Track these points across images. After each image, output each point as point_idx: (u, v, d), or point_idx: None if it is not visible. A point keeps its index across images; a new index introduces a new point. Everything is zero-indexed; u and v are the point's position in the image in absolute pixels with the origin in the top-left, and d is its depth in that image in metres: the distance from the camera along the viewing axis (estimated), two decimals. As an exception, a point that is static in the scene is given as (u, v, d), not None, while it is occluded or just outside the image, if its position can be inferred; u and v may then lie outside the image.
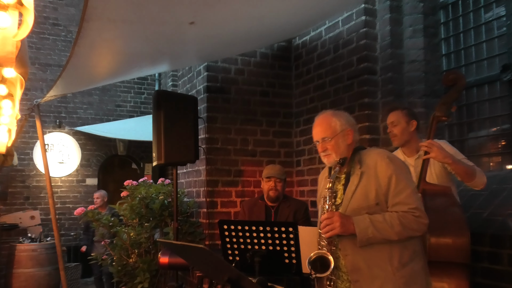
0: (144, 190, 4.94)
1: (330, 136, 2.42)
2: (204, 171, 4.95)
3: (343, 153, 2.41)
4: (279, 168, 3.97)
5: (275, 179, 3.88)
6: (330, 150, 2.43)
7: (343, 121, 2.44)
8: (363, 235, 2.22)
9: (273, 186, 3.87)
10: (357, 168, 2.37)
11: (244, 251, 2.70)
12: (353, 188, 2.33)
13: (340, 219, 2.23)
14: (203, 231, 4.91)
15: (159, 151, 4.20)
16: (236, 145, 5.11)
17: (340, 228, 2.23)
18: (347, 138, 2.42)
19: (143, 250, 4.86)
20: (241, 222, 2.78)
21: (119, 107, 9.37)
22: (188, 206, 5.09)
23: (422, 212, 2.24)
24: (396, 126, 3.22)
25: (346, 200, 2.34)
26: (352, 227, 2.23)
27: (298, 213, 3.88)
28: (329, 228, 2.25)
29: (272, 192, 3.87)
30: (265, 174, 3.95)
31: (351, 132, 2.43)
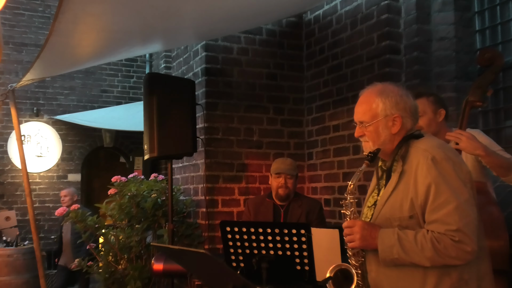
0: (134, 187, 4.95)
1: (368, 121, 2.23)
2: (202, 165, 4.96)
3: (384, 144, 2.23)
4: (291, 162, 3.97)
5: (286, 175, 3.88)
6: (367, 137, 2.25)
7: (390, 104, 2.22)
8: (386, 255, 2.08)
9: (283, 183, 3.87)
10: (399, 165, 2.19)
11: (250, 256, 2.70)
12: (390, 191, 2.17)
13: (361, 231, 2.12)
14: (202, 234, 4.92)
15: (151, 143, 4.20)
16: (239, 135, 5.11)
17: (361, 242, 2.12)
18: (392, 125, 2.22)
19: (134, 255, 4.87)
20: (246, 223, 2.78)
21: (105, 92, 9.38)
22: (185, 205, 5.11)
23: (466, 236, 1.98)
24: (421, 117, 3.18)
25: (380, 205, 2.19)
26: (375, 242, 2.10)
27: (312, 213, 3.88)
28: (349, 239, 2.16)
29: (282, 190, 3.87)
30: (274, 170, 3.95)
31: (399, 119, 2.21)
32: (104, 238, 4.93)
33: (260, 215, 3.94)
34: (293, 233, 2.63)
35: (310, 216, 3.87)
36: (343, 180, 4.80)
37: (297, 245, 2.63)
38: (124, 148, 9.51)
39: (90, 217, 4.95)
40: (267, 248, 2.68)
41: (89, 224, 4.88)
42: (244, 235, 2.73)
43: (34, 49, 8.71)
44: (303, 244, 2.61)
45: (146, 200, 4.94)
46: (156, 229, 4.93)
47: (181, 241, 4.91)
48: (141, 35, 4.02)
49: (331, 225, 4.81)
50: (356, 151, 4.65)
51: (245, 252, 2.73)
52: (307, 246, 2.62)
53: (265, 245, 2.68)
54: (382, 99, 2.24)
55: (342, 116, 4.88)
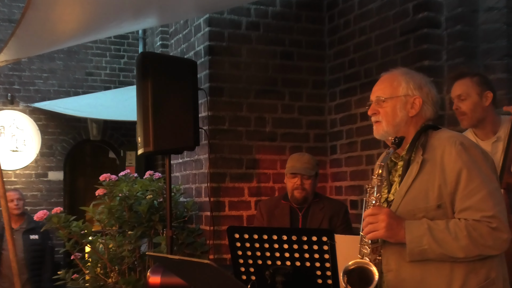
0: (126, 187, 4.98)
1: (385, 96, 2.40)
2: (206, 161, 4.97)
3: (399, 127, 2.38)
4: (308, 159, 3.97)
5: (302, 175, 3.89)
6: (381, 115, 2.40)
7: (413, 85, 2.39)
8: (415, 245, 2.19)
9: (299, 184, 3.89)
10: (419, 154, 2.32)
11: (263, 268, 2.71)
12: (410, 181, 2.30)
13: (388, 219, 2.20)
14: (206, 242, 4.94)
15: (146, 135, 4.21)
16: (249, 125, 5.12)
17: (386, 231, 2.21)
18: (410, 107, 2.38)
19: (126, 266, 4.91)
20: (257, 229, 2.79)
21: (91, 75, 9.42)
22: (186, 208, 5.13)
23: (502, 223, 2.13)
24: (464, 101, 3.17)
25: (399, 197, 2.31)
26: (402, 232, 2.21)
27: (336, 217, 3.89)
28: (372, 228, 2.23)
29: (298, 192, 3.89)
30: (288, 169, 3.96)
31: (419, 101, 2.38)
32: (91, 247, 4.96)
33: (274, 219, 3.95)
34: (314, 241, 2.62)
35: (334, 221, 3.88)
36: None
37: (318, 254, 2.62)
38: (114, 142, 9.56)
39: (75, 222, 4.98)
40: (283, 259, 2.68)
41: (74, 231, 4.91)
42: (256, 243, 2.73)
43: (7, 26, 8.76)
44: (326, 254, 2.60)
45: (140, 202, 4.96)
46: (152, 237, 4.96)
47: (181, 250, 4.93)
48: (132, 7, 4.03)
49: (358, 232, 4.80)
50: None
51: (257, 263, 2.73)
52: (330, 256, 2.61)
53: (281, 254, 2.68)
54: (405, 78, 2.41)
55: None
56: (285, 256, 2.69)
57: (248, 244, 2.75)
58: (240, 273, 2.78)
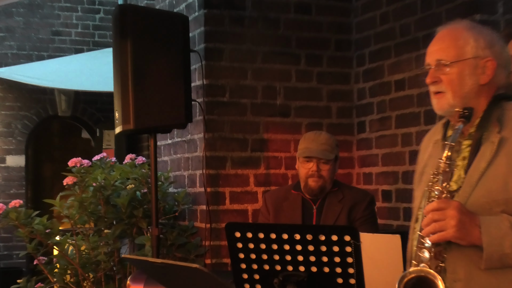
0: (101, 174, 4.98)
1: (450, 60, 2.32)
2: (201, 142, 4.97)
3: (468, 99, 2.33)
4: (326, 138, 3.96)
5: (318, 160, 3.89)
6: (445, 84, 2.34)
7: (484, 43, 2.32)
8: (495, 249, 2.15)
9: (315, 171, 3.88)
10: (494, 131, 2.29)
11: (270, 274, 2.72)
12: (483, 166, 2.26)
13: (459, 215, 2.15)
14: (201, 243, 4.95)
15: (125, 109, 4.20)
16: (255, 97, 5.11)
17: (457, 231, 2.16)
18: (481, 72, 2.32)
19: (103, 273, 4.92)
20: (264, 226, 2.79)
21: (59, 35, 9.41)
22: (177, 201, 5.13)
23: None
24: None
25: (468, 187, 2.28)
26: (477, 232, 2.16)
27: (355, 208, 3.89)
28: (437, 227, 2.18)
29: (313, 180, 3.88)
30: (301, 151, 3.95)
31: (492, 64, 2.31)
32: (59, 250, 4.97)
33: (282, 214, 3.96)
34: (334, 241, 2.61)
35: (353, 213, 3.88)
36: (410, 162, 4.78)
37: (340, 258, 2.62)
38: (88, 118, 9.58)
39: (38, 219, 4.99)
40: (295, 263, 2.68)
41: (37, 229, 4.92)
42: (262, 243, 2.73)
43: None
44: (349, 257, 2.60)
45: (120, 193, 4.97)
46: (135, 236, 4.96)
47: (171, 253, 4.95)
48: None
49: (392, 229, 4.80)
50: (430, 119, 4.61)
51: (263, 268, 2.73)
52: (354, 259, 2.61)
53: (292, 258, 2.68)
54: (473, 34, 2.32)
55: (409, 66, 4.84)
56: (298, 260, 2.68)
57: (252, 245, 2.74)
58: (242, 281, 2.78)
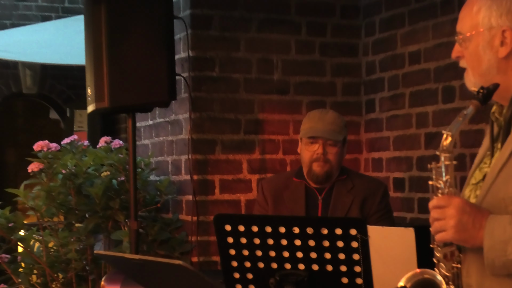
0: (72, 160, 4.98)
1: (466, 32, 2.35)
2: (187, 123, 4.97)
3: (488, 75, 2.33)
4: (334, 118, 3.97)
5: (325, 141, 3.89)
6: (466, 60, 2.37)
7: (498, 10, 2.30)
8: (496, 255, 2.16)
9: (321, 154, 3.87)
10: None
11: (265, 273, 2.72)
12: (506, 155, 2.27)
13: (459, 215, 2.16)
14: (187, 238, 4.96)
15: (99, 85, 4.20)
16: (249, 71, 5.11)
17: (455, 232, 2.17)
18: (499, 44, 2.32)
19: (74, 274, 4.93)
20: (258, 218, 2.79)
21: (23, 1, 9.37)
22: (159, 190, 5.14)
23: None
24: None
25: (490, 178, 2.29)
26: (479, 235, 2.17)
27: (369, 201, 3.90)
28: (438, 227, 2.20)
29: (319, 165, 3.88)
30: (305, 132, 3.94)
31: (510, 34, 2.30)
32: (24, 246, 4.97)
33: (282, 205, 3.96)
34: (338, 235, 2.63)
35: (367, 206, 3.88)
36: (426, 146, 4.78)
37: (345, 255, 2.64)
38: (57, 96, 9.55)
39: (0, 211, 4.99)
40: (294, 261, 2.69)
41: (-1, 223, 4.93)
42: (256, 238, 2.74)
43: None
44: (355, 254, 2.62)
45: (93, 182, 4.97)
46: (110, 231, 4.98)
47: (152, 250, 4.95)
48: None
49: (405, 222, 4.81)
50: (449, 96, 4.61)
51: (257, 266, 2.75)
52: (361, 256, 2.62)
53: (291, 255, 2.69)
54: (486, 1, 2.31)
55: (425, 36, 4.83)
56: (297, 257, 2.70)
57: (245, 240, 2.76)
58: (233, 280, 2.79)
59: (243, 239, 2.75)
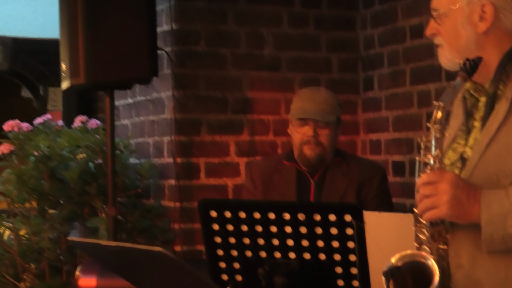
0: (45, 141, 4.98)
1: (442, 8, 2.42)
2: (170, 102, 4.98)
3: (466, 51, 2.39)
4: (325, 96, 3.97)
5: (316, 123, 3.90)
6: (442, 37, 2.44)
7: None
8: (494, 229, 2.20)
9: (311, 136, 3.88)
10: (509, 86, 2.36)
11: (253, 263, 2.74)
12: (494, 129, 2.33)
13: (452, 189, 2.21)
14: (170, 226, 4.98)
15: (75, 60, 4.21)
16: (237, 46, 5.12)
17: (450, 208, 2.21)
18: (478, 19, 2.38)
19: (47, 264, 4.94)
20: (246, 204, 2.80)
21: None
22: (139, 174, 5.15)
23: None
24: None
25: (477, 153, 2.35)
26: (476, 209, 2.21)
27: (367, 185, 3.91)
28: (429, 204, 2.23)
29: (310, 148, 3.89)
30: (295, 112, 3.96)
31: (490, 9, 2.36)
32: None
33: (273, 190, 3.97)
34: (332, 222, 2.63)
35: (364, 191, 3.90)
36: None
37: (339, 243, 2.64)
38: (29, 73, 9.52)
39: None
40: (285, 249, 2.70)
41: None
42: (243, 225, 2.74)
43: None
44: (350, 241, 2.62)
45: (68, 165, 4.97)
46: (87, 218, 4.99)
47: (132, 238, 4.97)
48: None
49: (405, 209, 4.81)
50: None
51: (244, 255, 2.76)
52: (357, 245, 2.63)
53: (281, 243, 2.70)
54: None
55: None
56: (288, 245, 2.70)
57: (232, 227, 2.76)
58: (219, 270, 2.80)
59: (229, 226, 2.75)
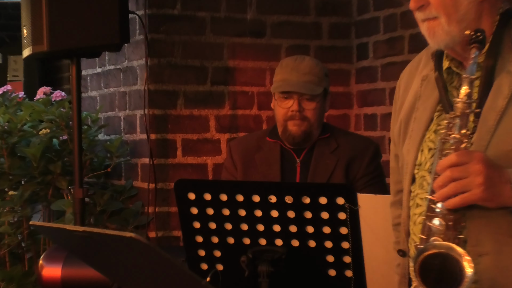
0: (5, 115, 4.98)
1: None
2: (143, 71, 4.96)
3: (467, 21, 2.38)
4: (310, 66, 3.96)
5: (299, 96, 3.89)
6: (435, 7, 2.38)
7: None
8: None
9: (296, 110, 3.86)
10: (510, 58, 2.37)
11: (236, 250, 2.74)
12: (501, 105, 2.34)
13: (486, 170, 2.19)
14: (143, 209, 4.98)
15: (37, 25, 4.18)
16: (217, 9, 5.11)
17: (484, 190, 2.20)
18: None
19: (7, 251, 4.95)
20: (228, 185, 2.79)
21: None
22: (109, 151, 5.15)
23: None
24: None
25: (485, 132, 2.35)
26: (508, 190, 2.21)
27: (357, 162, 3.90)
28: (459, 188, 2.21)
29: (295, 124, 3.88)
30: (276, 85, 3.95)
31: None
32: None
33: (254, 169, 3.97)
34: (323, 205, 2.64)
35: (354, 168, 3.88)
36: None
37: (330, 228, 2.65)
38: (-14, 38, 9.50)
39: None
40: (271, 235, 2.71)
41: None
42: (225, 208, 2.75)
43: None
44: (342, 227, 2.63)
45: (30, 141, 4.96)
46: (51, 200, 4.98)
47: (101, 223, 4.98)
48: None
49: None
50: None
51: (226, 242, 2.77)
52: (350, 230, 2.64)
53: (266, 228, 2.71)
54: None
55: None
56: (274, 231, 2.71)
57: (212, 211, 2.77)
58: (198, 259, 2.81)
59: (209, 209, 2.75)
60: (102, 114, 5.36)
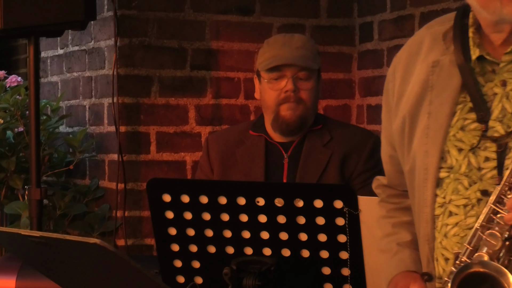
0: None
1: None
2: (112, 53, 4.99)
3: None
4: (302, 41, 3.99)
5: (294, 73, 3.88)
6: None
7: None
8: None
9: (290, 91, 3.86)
10: None
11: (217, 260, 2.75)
12: None
13: None
14: (111, 213, 5.02)
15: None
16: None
17: None
18: None
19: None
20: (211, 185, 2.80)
21: None
22: (72, 146, 5.16)
23: None
24: None
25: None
26: None
27: (353, 157, 3.91)
28: None
29: (289, 108, 3.87)
30: (266, 62, 3.92)
31: None
32: None
33: (234, 167, 3.98)
34: (318, 209, 2.66)
35: (350, 164, 3.89)
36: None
37: (327, 236, 2.67)
38: None
39: None
40: (258, 244, 2.72)
41: None
42: (206, 212, 2.76)
43: None
44: (340, 234, 2.65)
45: (-20, 134, 4.97)
46: (4, 202, 5.02)
47: (62, 228, 5.01)
48: None
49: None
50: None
51: (206, 251, 2.77)
52: (349, 238, 2.66)
53: (253, 236, 2.72)
54: None
55: None
56: (262, 238, 2.73)
57: (190, 216, 2.79)
58: (174, 270, 2.82)
59: (187, 214, 2.77)
60: (64, 103, 5.38)
